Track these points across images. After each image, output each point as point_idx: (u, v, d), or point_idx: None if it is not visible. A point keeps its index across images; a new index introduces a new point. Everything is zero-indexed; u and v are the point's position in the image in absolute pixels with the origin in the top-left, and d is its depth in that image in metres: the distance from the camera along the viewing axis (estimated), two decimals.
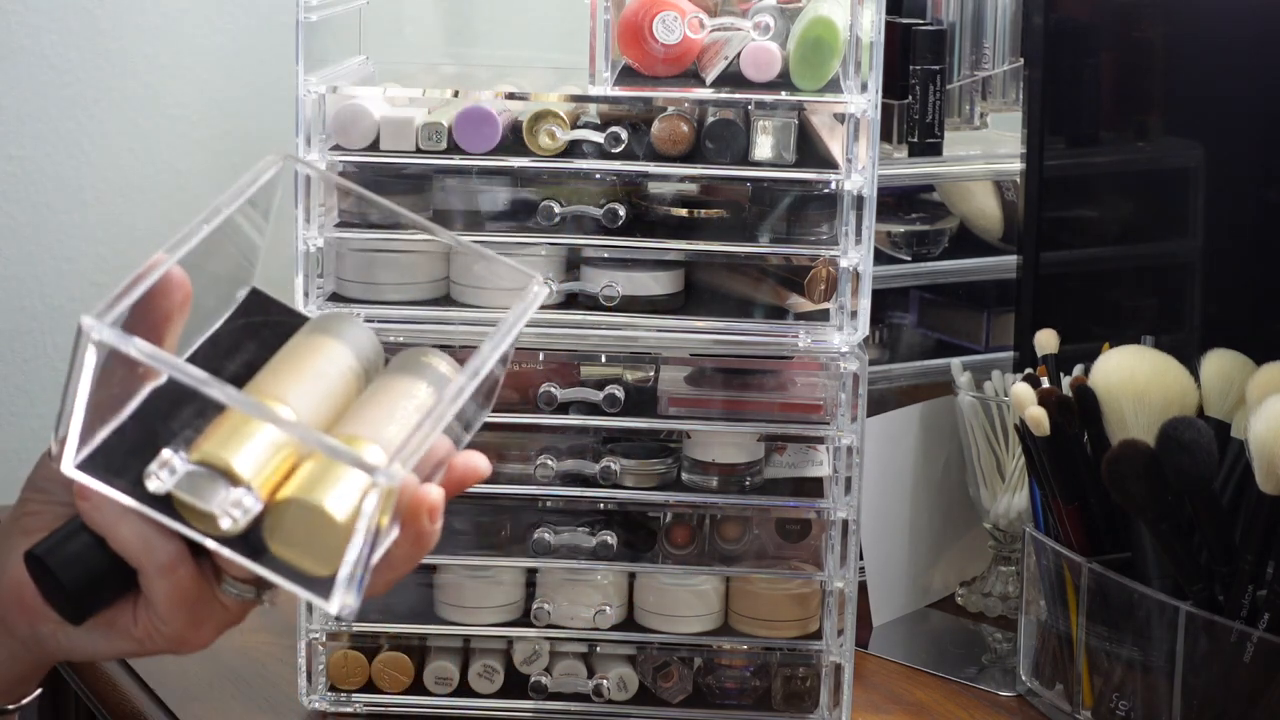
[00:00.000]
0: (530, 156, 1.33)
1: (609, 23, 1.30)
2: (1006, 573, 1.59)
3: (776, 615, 1.39)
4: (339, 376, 0.93)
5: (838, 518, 1.37)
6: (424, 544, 0.88)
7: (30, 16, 1.64)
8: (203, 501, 0.85)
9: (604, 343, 1.36)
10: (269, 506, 0.85)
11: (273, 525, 0.85)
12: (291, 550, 0.85)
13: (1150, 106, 1.54)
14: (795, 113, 1.33)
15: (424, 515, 0.87)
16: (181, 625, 0.88)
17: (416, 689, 1.40)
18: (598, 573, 1.39)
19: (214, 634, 0.90)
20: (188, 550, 0.87)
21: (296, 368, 0.92)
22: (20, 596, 0.90)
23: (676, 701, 1.40)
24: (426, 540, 0.88)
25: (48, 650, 0.92)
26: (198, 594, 0.88)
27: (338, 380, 0.93)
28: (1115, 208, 1.59)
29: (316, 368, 0.92)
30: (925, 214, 1.69)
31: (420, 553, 0.89)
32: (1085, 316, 1.55)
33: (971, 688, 1.47)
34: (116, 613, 0.89)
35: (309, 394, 0.90)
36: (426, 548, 0.89)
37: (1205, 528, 1.24)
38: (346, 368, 0.93)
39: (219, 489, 0.85)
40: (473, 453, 0.94)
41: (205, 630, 0.90)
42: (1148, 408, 1.29)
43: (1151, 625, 1.27)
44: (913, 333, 1.72)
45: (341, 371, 0.93)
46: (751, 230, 1.36)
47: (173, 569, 0.87)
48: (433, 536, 0.88)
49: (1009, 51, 1.64)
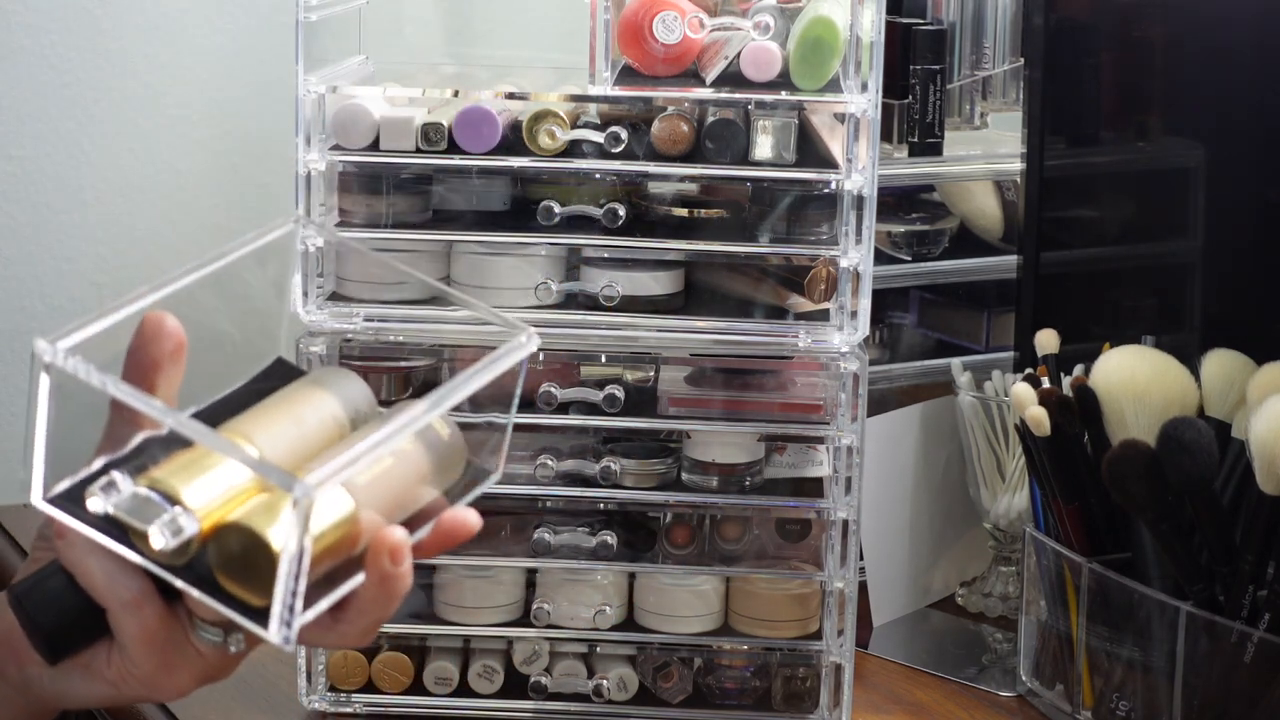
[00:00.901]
0: (530, 156, 1.33)
1: (609, 23, 1.30)
2: (1007, 573, 1.59)
3: (776, 615, 1.39)
4: (318, 423, 0.91)
5: (838, 518, 1.37)
6: (390, 588, 0.86)
7: (30, 16, 1.64)
8: (141, 521, 0.84)
9: (604, 343, 1.36)
10: (212, 534, 0.84)
11: (216, 553, 0.84)
12: (234, 580, 0.84)
13: (1150, 106, 1.54)
14: (795, 113, 1.33)
15: (384, 556, 0.85)
16: (153, 668, 0.87)
17: (416, 689, 1.39)
18: (598, 573, 1.39)
19: (190, 681, 0.89)
20: (154, 588, 0.86)
21: (274, 412, 0.90)
22: (9, 638, 0.90)
23: (676, 702, 1.40)
24: (392, 584, 0.86)
25: (38, 694, 0.91)
26: (167, 635, 0.87)
27: (315, 426, 0.90)
28: (1115, 208, 1.59)
29: (295, 413, 0.90)
30: (925, 214, 1.69)
31: (389, 598, 0.86)
32: (1085, 316, 1.55)
33: (971, 688, 1.47)
34: (93, 654, 0.89)
35: (280, 435, 0.88)
36: (394, 592, 0.86)
37: (1205, 528, 1.24)
38: (328, 415, 0.91)
39: (161, 512, 0.84)
40: (465, 509, 0.91)
41: (179, 676, 0.88)
42: (1148, 408, 1.29)
43: (1152, 625, 1.27)
44: (913, 333, 1.72)
45: (322, 419, 0.91)
46: (751, 230, 1.36)
47: (138, 606, 0.86)
48: (399, 580, 0.86)
49: (1009, 51, 1.64)
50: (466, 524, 0.91)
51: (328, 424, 0.91)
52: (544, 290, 1.36)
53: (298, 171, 1.34)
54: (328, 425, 0.91)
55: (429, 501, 0.92)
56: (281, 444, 0.88)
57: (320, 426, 0.91)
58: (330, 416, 0.91)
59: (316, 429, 0.90)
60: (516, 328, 0.96)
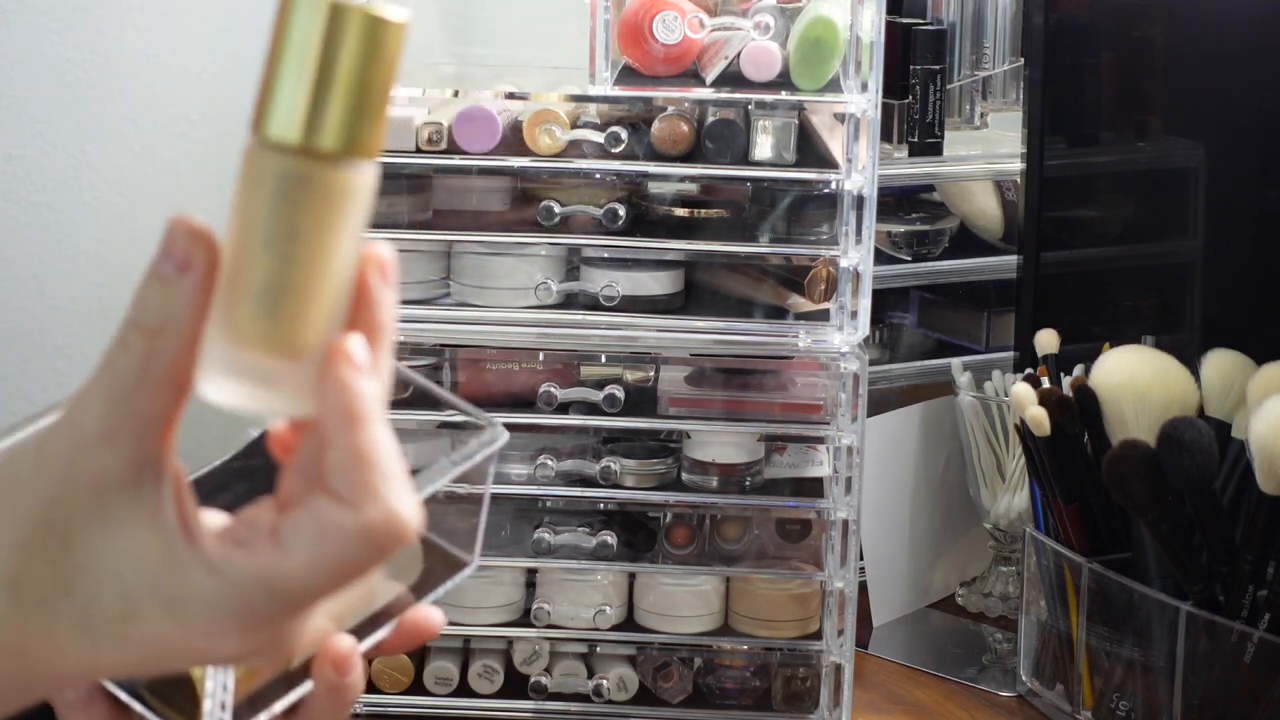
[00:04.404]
0: (530, 156, 1.33)
1: (609, 23, 1.30)
2: (1007, 573, 1.59)
3: (776, 615, 1.39)
4: None
5: (838, 518, 1.37)
6: (341, 696, 0.82)
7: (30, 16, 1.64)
8: None
9: (604, 343, 1.36)
10: None
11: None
12: (163, 701, 0.81)
13: (1150, 106, 1.54)
14: (795, 112, 1.33)
15: (328, 667, 0.81)
16: None
17: (416, 689, 1.39)
18: (598, 573, 1.39)
19: None
20: (102, 692, 0.82)
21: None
22: None
23: (676, 701, 1.40)
24: (342, 693, 0.82)
25: None
26: None
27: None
28: (1115, 208, 1.59)
29: None
30: (925, 214, 1.69)
31: (341, 705, 0.82)
32: (1085, 316, 1.55)
33: (971, 688, 1.47)
34: None
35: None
36: (345, 700, 0.82)
37: (1205, 528, 1.24)
38: None
39: None
40: (429, 609, 0.87)
41: None
42: (1148, 408, 1.29)
43: (1152, 625, 1.27)
44: (913, 333, 1.72)
45: None
46: (751, 230, 1.36)
47: (84, 707, 0.84)
48: (349, 689, 0.82)
49: (1009, 51, 1.64)
50: (429, 625, 0.87)
51: None
52: (544, 290, 1.36)
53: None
54: None
55: (392, 599, 0.89)
56: None
57: None
58: None
59: None
60: (487, 422, 0.92)
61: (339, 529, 0.67)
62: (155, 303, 0.67)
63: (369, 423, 0.69)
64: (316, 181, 0.66)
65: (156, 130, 1.70)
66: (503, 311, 1.37)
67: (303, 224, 0.67)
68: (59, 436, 0.68)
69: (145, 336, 0.67)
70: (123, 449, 0.67)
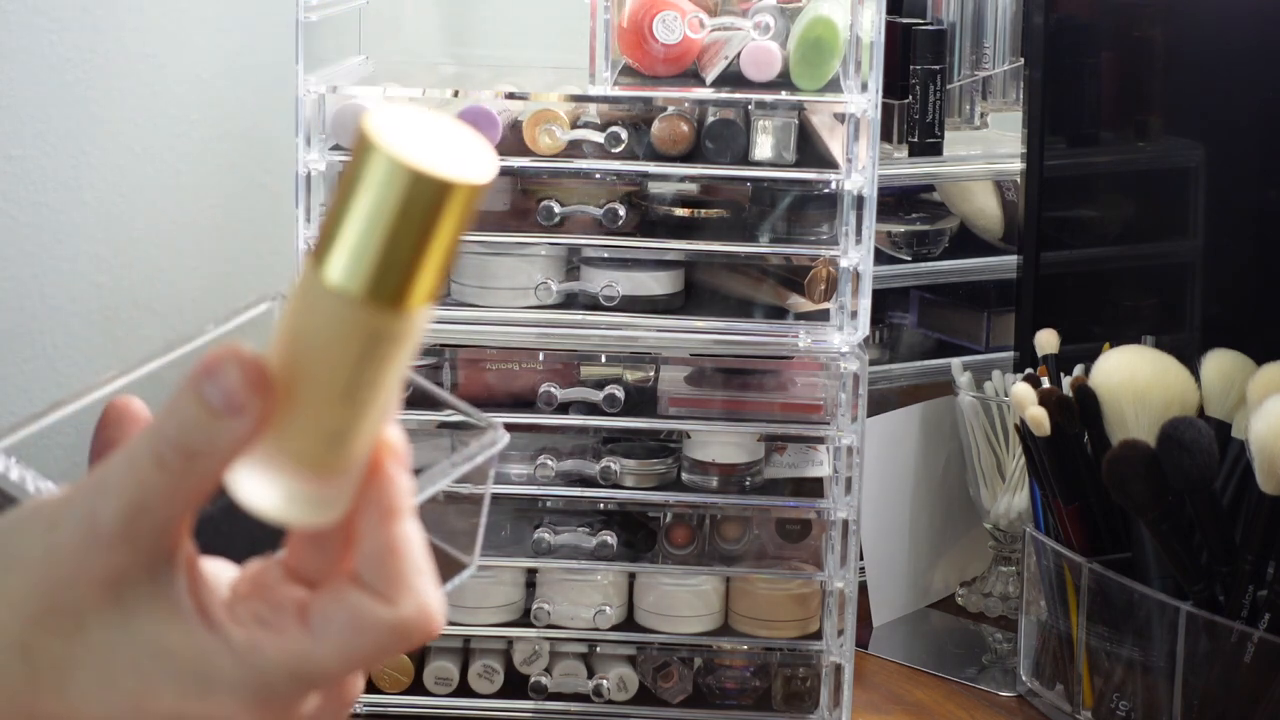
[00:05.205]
0: (530, 156, 1.33)
1: (609, 23, 1.30)
2: (1007, 573, 1.59)
3: (776, 615, 1.39)
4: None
5: (838, 518, 1.37)
6: (340, 697, 0.84)
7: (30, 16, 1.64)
8: None
9: (604, 343, 1.36)
10: None
11: None
12: None
13: (1150, 106, 1.54)
14: (795, 112, 1.33)
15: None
16: None
17: (416, 689, 1.39)
18: (598, 573, 1.39)
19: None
20: None
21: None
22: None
23: (676, 701, 1.40)
24: (341, 693, 0.84)
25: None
26: None
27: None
28: (1115, 208, 1.59)
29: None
30: (925, 214, 1.69)
31: (341, 706, 0.84)
32: (1085, 316, 1.55)
33: (971, 688, 1.47)
34: None
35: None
36: (344, 701, 0.84)
37: (1205, 528, 1.24)
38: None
39: None
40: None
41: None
42: (1148, 408, 1.29)
43: (1152, 625, 1.27)
44: (913, 333, 1.72)
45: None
46: (751, 230, 1.36)
47: None
48: (348, 690, 0.84)
49: (1009, 51, 1.64)
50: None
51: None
52: (544, 290, 1.36)
53: (298, 171, 1.34)
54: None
55: None
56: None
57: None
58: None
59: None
60: (487, 424, 0.92)
61: (375, 623, 0.67)
62: (198, 430, 0.65)
63: (404, 517, 0.69)
64: (403, 337, 0.66)
65: (156, 130, 1.70)
66: (503, 311, 1.37)
67: (384, 378, 0.66)
68: (73, 527, 0.67)
69: (183, 458, 0.65)
70: (140, 550, 0.66)
